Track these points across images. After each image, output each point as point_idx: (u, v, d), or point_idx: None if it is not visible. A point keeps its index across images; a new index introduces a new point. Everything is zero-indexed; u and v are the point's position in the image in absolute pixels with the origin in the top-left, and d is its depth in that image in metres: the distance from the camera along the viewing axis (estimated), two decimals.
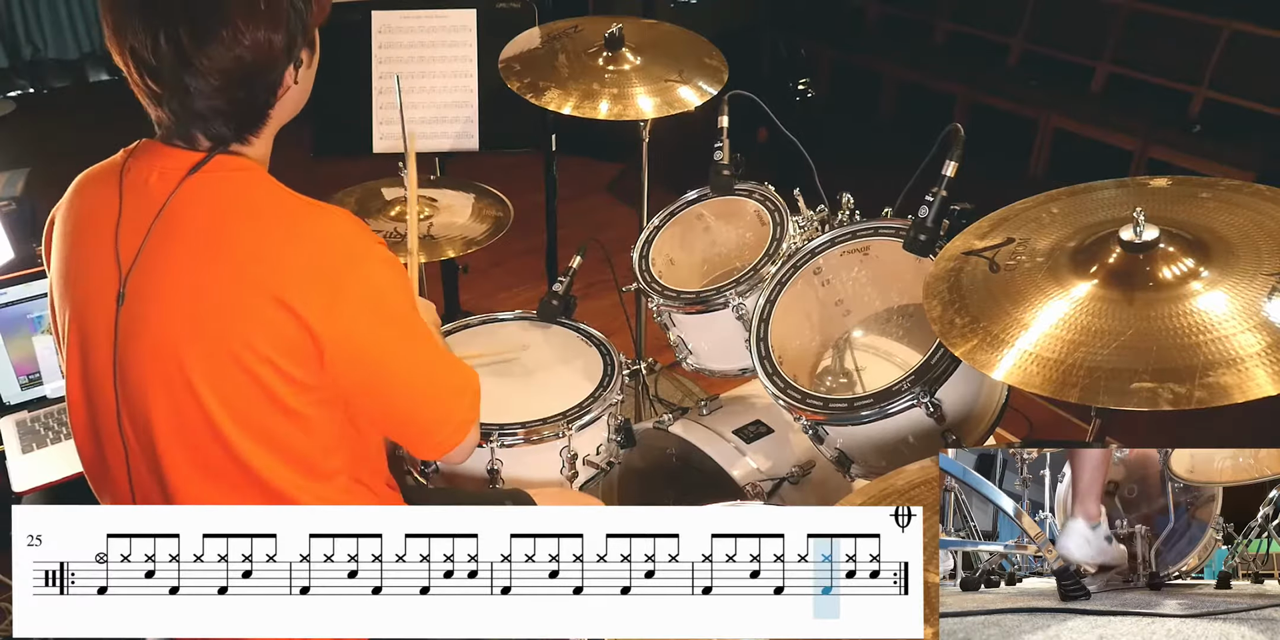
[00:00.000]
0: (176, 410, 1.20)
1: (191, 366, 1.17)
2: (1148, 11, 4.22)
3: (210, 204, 1.18)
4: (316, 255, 1.18)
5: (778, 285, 1.79)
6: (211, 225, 1.18)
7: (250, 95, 1.18)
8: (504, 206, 2.40)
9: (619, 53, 2.23)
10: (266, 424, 1.21)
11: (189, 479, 1.24)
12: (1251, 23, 3.91)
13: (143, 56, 1.12)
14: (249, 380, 1.18)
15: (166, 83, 1.13)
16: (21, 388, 2.04)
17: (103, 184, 1.23)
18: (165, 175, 1.19)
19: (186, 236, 1.18)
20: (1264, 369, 1.08)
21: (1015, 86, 4.55)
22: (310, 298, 1.16)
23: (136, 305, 1.19)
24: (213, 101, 1.15)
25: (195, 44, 1.10)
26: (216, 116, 1.17)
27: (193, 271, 1.17)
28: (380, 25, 2.46)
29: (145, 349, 1.19)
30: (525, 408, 1.84)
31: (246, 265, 1.16)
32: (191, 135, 1.19)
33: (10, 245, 2.38)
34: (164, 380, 1.19)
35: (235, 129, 1.20)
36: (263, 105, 1.20)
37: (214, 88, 1.14)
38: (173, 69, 1.12)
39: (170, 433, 1.22)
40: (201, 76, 1.12)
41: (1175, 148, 3.98)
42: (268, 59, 1.15)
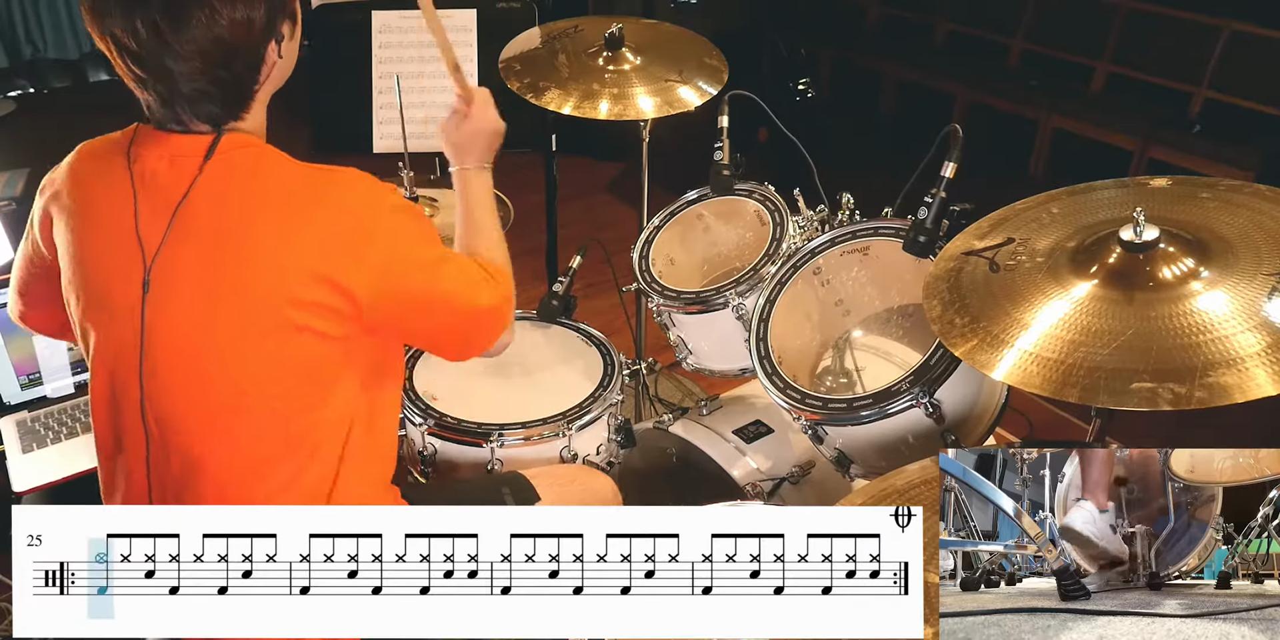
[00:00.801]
0: (208, 397, 1.23)
1: (226, 352, 1.20)
2: (1148, 11, 4.22)
3: (225, 186, 1.20)
4: (336, 220, 1.21)
5: (778, 285, 1.79)
6: (230, 207, 1.20)
7: (233, 74, 1.18)
8: (504, 206, 2.40)
9: (619, 53, 2.23)
10: (299, 406, 1.25)
11: (212, 468, 1.26)
12: (1251, 23, 3.90)
13: (123, 42, 1.13)
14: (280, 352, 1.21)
15: (149, 67, 1.14)
16: (21, 388, 2.04)
17: (109, 169, 1.24)
18: (176, 162, 1.21)
19: (207, 221, 1.20)
20: (1264, 369, 1.08)
21: (1015, 86, 4.55)
22: (338, 260, 1.19)
23: (163, 293, 1.21)
24: (196, 83, 1.16)
25: (172, 27, 1.11)
26: (202, 98, 1.18)
27: (218, 255, 1.19)
28: (380, 25, 2.46)
29: (174, 337, 1.22)
30: (525, 408, 1.84)
31: (270, 241, 1.19)
32: (181, 118, 1.20)
33: (10, 245, 2.38)
34: (195, 368, 1.22)
35: (224, 107, 1.20)
36: (248, 83, 1.21)
37: (196, 69, 1.14)
38: (153, 53, 1.12)
39: (200, 421, 1.24)
40: (182, 59, 1.13)
41: (1175, 148, 3.98)
42: (248, 37, 1.16)
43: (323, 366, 1.25)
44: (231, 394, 1.23)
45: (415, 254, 1.28)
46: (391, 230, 1.24)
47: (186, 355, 1.22)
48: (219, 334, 1.21)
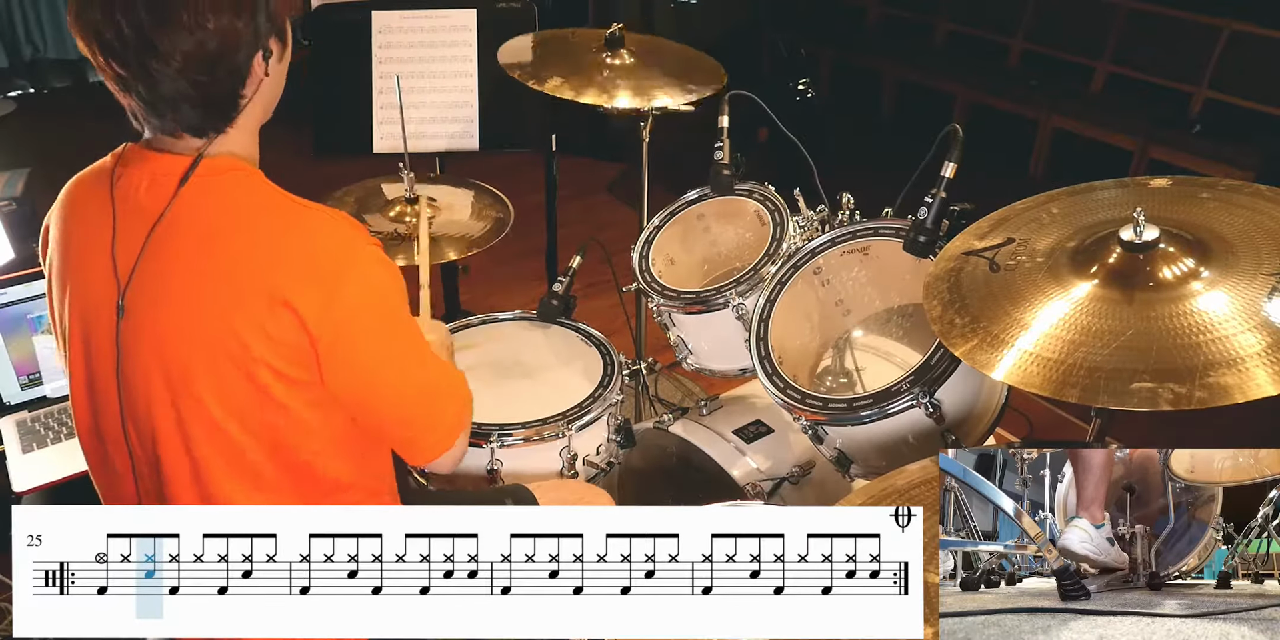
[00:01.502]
0: (180, 418, 1.21)
1: (194, 373, 1.18)
2: (1148, 11, 4.22)
3: (202, 209, 1.19)
4: (313, 254, 1.18)
5: (778, 285, 1.79)
6: (205, 230, 1.18)
7: (214, 80, 1.17)
8: (504, 206, 2.40)
9: (619, 53, 2.23)
10: (270, 427, 1.22)
11: (193, 485, 1.24)
12: (1251, 23, 3.91)
13: (106, 39, 1.12)
14: (250, 384, 1.18)
15: (130, 66, 1.13)
16: (21, 388, 2.04)
17: (93, 193, 1.23)
18: (156, 182, 1.19)
19: (181, 244, 1.18)
20: (1264, 369, 1.08)
21: (1015, 86, 4.55)
22: (308, 294, 1.16)
23: (136, 317, 1.19)
24: (177, 85, 1.14)
25: (156, 26, 1.11)
26: (183, 102, 1.16)
27: (189, 279, 1.18)
28: (380, 25, 2.46)
29: (147, 359, 1.20)
30: (525, 408, 1.84)
31: (242, 267, 1.16)
32: (166, 125, 1.18)
33: (10, 245, 2.39)
34: (167, 388, 1.20)
35: (204, 116, 1.19)
36: (230, 92, 1.19)
37: (176, 70, 1.13)
38: (136, 52, 1.12)
39: (175, 441, 1.22)
40: (163, 59, 1.12)
41: (1175, 148, 3.98)
42: (231, 44, 1.15)
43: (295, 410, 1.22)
44: (200, 417, 1.20)
45: (386, 311, 1.23)
46: (366, 276, 1.20)
47: (158, 377, 1.20)
48: (186, 356, 1.18)
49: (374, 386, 1.25)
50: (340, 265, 1.18)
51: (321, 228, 1.20)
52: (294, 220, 1.20)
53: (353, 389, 1.24)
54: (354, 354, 1.20)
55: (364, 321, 1.20)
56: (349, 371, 1.22)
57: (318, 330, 1.17)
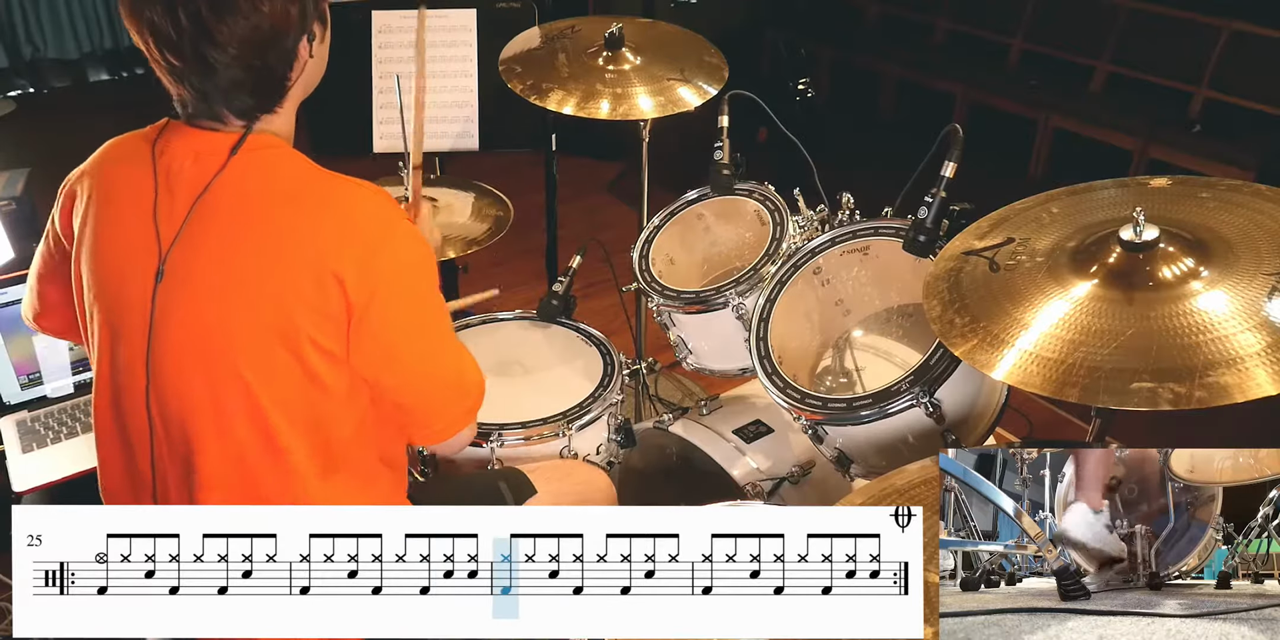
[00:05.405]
0: (214, 390, 1.23)
1: (235, 345, 1.20)
2: (1148, 11, 4.22)
3: (245, 183, 1.21)
4: (355, 224, 1.21)
5: (778, 285, 1.79)
6: (248, 204, 1.21)
7: (267, 65, 1.20)
8: (504, 206, 2.40)
9: (619, 53, 2.23)
10: (309, 408, 1.24)
11: (216, 460, 1.25)
12: (1251, 23, 3.91)
13: (163, 31, 1.14)
14: (295, 360, 1.21)
15: (186, 56, 1.16)
16: (21, 388, 2.04)
17: (134, 162, 1.26)
18: (201, 159, 1.22)
19: (225, 216, 1.21)
20: (1264, 369, 1.08)
21: (1015, 86, 4.55)
22: (351, 263, 1.19)
23: (175, 283, 1.21)
24: (232, 72, 1.17)
25: (214, 15, 1.13)
26: (237, 88, 1.19)
27: (233, 249, 1.20)
28: (380, 25, 2.46)
29: (184, 327, 1.22)
30: (525, 408, 1.85)
31: (287, 239, 1.20)
32: (216, 110, 1.21)
33: (10, 245, 2.38)
34: (203, 359, 1.22)
35: (257, 101, 1.22)
36: (281, 76, 1.23)
37: (232, 57, 1.16)
38: (193, 41, 1.14)
39: (205, 412, 1.24)
40: (220, 48, 1.15)
41: (1175, 148, 3.98)
42: (284, 28, 1.18)
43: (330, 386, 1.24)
44: (237, 390, 1.22)
45: (416, 286, 1.27)
46: (401, 249, 1.24)
47: (193, 346, 1.22)
48: (227, 327, 1.21)
49: (397, 359, 1.28)
50: (380, 237, 1.22)
51: (363, 202, 1.24)
52: (336, 194, 1.24)
53: (375, 361, 1.26)
54: (383, 324, 1.23)
55: (396, 292, 1.23)
56: (374, 342, 1.24)
57: (355, 297, 1.20)
